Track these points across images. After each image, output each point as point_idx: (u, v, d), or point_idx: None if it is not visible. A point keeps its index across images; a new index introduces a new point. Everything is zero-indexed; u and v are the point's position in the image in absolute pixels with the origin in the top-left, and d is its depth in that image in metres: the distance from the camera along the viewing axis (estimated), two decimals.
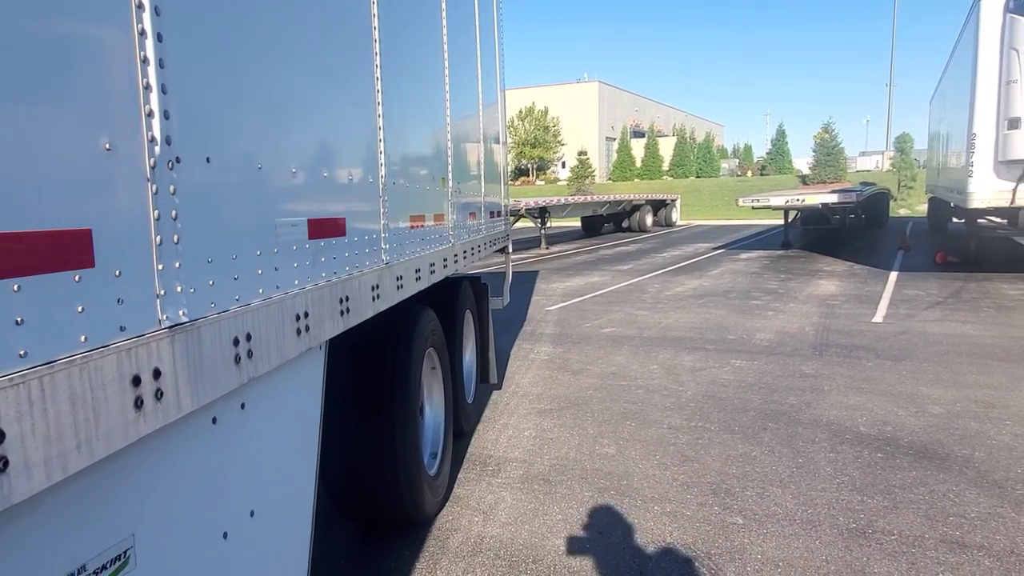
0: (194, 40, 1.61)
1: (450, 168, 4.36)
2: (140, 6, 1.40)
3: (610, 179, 55.49)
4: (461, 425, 5.13)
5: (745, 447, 4.89)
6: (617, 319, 9.95)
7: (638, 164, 55.51)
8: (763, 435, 5.11)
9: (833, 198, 17.99)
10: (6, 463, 1.04)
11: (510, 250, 7.23)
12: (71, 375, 1.18)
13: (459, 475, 4.60)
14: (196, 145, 1.60)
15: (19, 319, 1.10)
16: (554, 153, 59.72)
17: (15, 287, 1.10)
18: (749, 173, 55.56)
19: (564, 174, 56.53)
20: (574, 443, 5.10)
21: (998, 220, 16.49)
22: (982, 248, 15.37)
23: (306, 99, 2.29)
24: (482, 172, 5.56)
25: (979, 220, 15.57)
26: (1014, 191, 11.37)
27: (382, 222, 2.97)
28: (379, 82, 2.91)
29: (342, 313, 2.45)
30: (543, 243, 22.30)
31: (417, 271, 3.49)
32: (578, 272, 15.73)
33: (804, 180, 41.92)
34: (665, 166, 55.69)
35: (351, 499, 3.70)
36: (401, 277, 3.19)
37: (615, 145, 58.38)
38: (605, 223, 29.22)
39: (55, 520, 1.23)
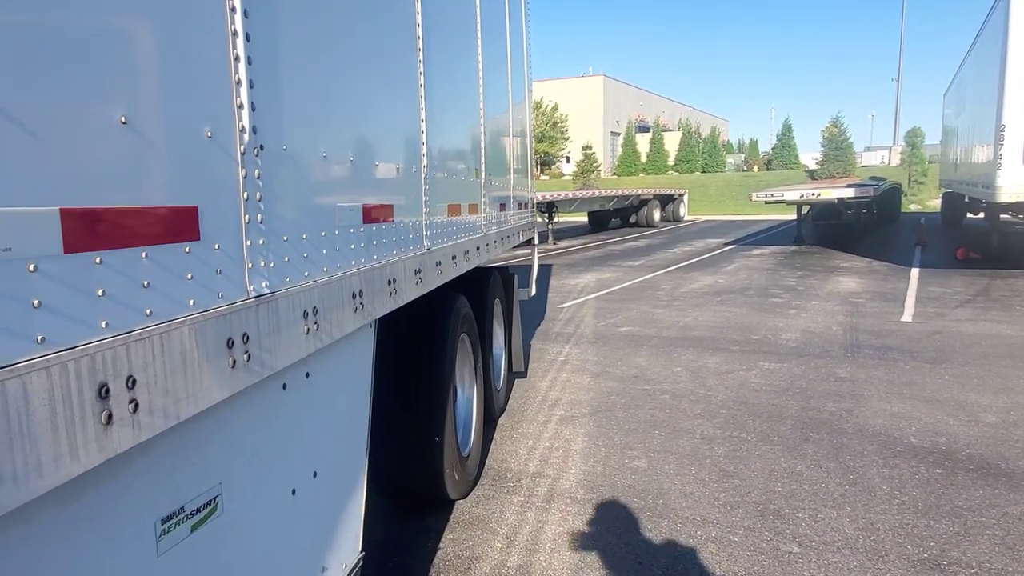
0: (274, 40, 1.78)
1: (483, 160, 4.47)
2: (233, 9, 1.56)
3: (615, 174, 54.94)
4: (492, 410, 5.16)
5: (788, 461, 4.48)
6: (633, 317, 9.53)
7: (643, 159, 54.96)
8: (806, 447, 4.70)
9: (849, 192, 17.53)
10: (137, 406, 1.22)
11: (536, 241, 7.13)
12: (183, 334, 1.36)
13: (477, 492, 4.20)
14: (275, 135, 1.77)
15: (146, 283, 1.28)
16: (559, 148, 59.19)
17: (143, 254, 1.28)
18: (755, 168, 54.97)
19: (569, 169, 56.03)
20: (600, 455, 4.69)
21: (1018, 216, 16.07)
22: (1005, 244, 14.93)
23: (361, 96, 2.46)
24: (512, 164, 5.69)
25: (1002, 215, 15.15)
26: None
27: (424, 210, 3.10)
28: (422, 78, 3.06)
29: (391, 294, 2.60)
30: (551, 238, 21.87)
31: (454, 258, 3.61)
32: (588, 268, 15.31)
33: (812, 175, 41.41)
34: (670, 161, 55.13)
35: (387, 475, 3.65)
36: (440, 263, 3.31)
37: (620, 140, 57.85)
38: (612, 218, 28.78)
39: (162, 464, 1.40)
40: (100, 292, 1.17)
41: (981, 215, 21.17)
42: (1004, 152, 11.14)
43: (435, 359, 3.62)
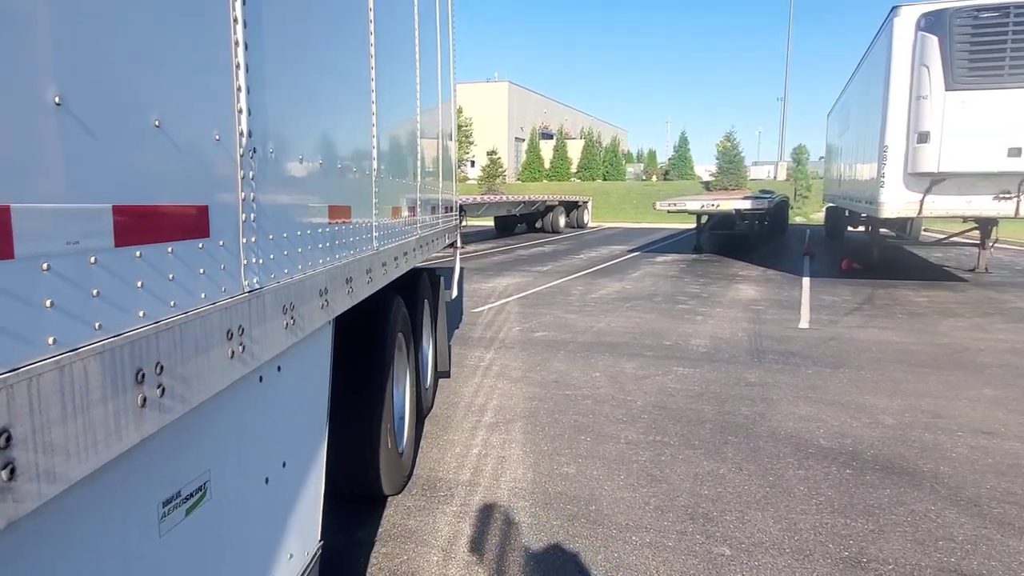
0: (264, 50, 1.88)
1: (419, 166, 4.67)
2: (236, 20, 1.69)
3: (519, 179, 55.50)
4: (422, 409, 5.28)
5: (711, 464, 4.61)
6: (548, 323, 9.61)
7: (547, 165, 55.80)
8: (726, 450, 4.86)
9: (747, 204, 18.44)
10: (163, 391, 1.32)
11: (459, 244, 7.41)
12: (196, 325, 1.45)
13: (408, 502, 4.09)
14: (263, 139, 1.87)
15: (171, 276, 1.39)
16: (464, 152, 59.17)
17: (169, 249, 1.38)
18: (654, 178, 57.03)
19: (474, 173, 56.13)
20: (529, 462, 4.67)
21: (893, 231, 17.38)
22: (883, 256, 16.10)
23: (328, 103, 2.62)
24: (440, 170, 5.91)
25: (880, 229, 16.31)
26: (921, 202, 11.85)
27: (374, 212, 3.24)
28: (374, 95, 3.25)
29: (348, 292, 2.69)
30: (459, 242, 21.74)
31: (396, 258, 3.77)
32: (499, 273, 15.34)
33: (707, 186, 43.32)
34: (573, 168, 56.24)
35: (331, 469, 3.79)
36: (385, 263, 3.46)
37: (524, 146, 58.46)
38: (518, 223, 29.01)
39: (163, 450, 1.45)
40: (139, 284, 1.29)
41: (861, 228, 22.81)
42: (887, 171, 11.99)
43: (376, 356, 3.74)
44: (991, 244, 15.25)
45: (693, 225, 27.59)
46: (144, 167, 1.32)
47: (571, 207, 31.44)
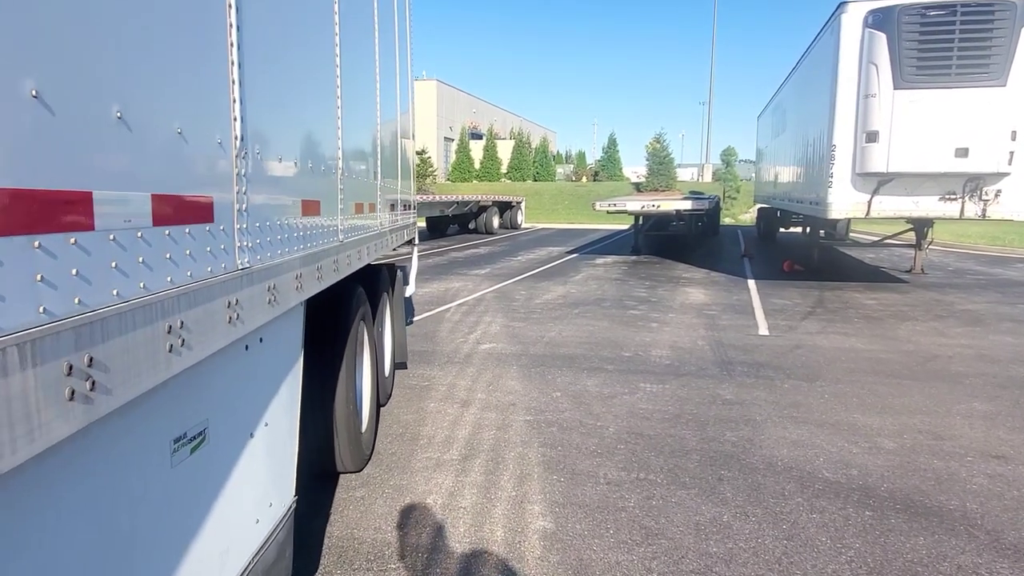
0: (252, 65, 2.18)
1: (379, 165, 4.94)
2: (232, 44, 2.04)
3: (449, 180, 54.46)
4: (381, 396, 5.47)
5: (710, 509, 3.90)
6: (494, 333, 8.80)
7: (477, 166, 54.96)
8: (723, 489, 4.16)
9: (687, 205, 18.11)
10: (183, 341, 1.66)
11: (416, 241, 7.53)
12: (207, 293, 1.79)
13: None
14: (251, 141, 2.17)
15: (188, 251, 1.73)
16: None
17: (187, 231, 1.73)
18: (584, 179, 56.89)
19: None
20: (496, 515, 3.85)
21: (828, 232, 17.35)
22: (823, 257, 16.00)
23: (300, 111, 2.93)
24: (399, 168, 6.16)
25: (820, 231, 16.22)
26: (869, 203, 11.63)
27: (339, 207, 3.47)
28: (339, 101, 3.52)
29: (318, 278, 2.97)
30: (416, 239, 20.67)
31: (359, 251, 4.03)
32: (434, 276, 14.42)
33: (638, 187, 43.35)
34: (503, 169, 55.58)
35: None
36: (350, 255, 3.73)
37: (454, 146, 57.46)
38: (451, 224, 28.10)
39: (174, 395, 1.76)
40: (167, 256, 1.63)
41: (793, 230, 22.94)
42: (835, 171, 11.71)
43: (339, 340, 3.96)
44: (927, 245, 15.34)
45: (626, 226, 27.38)
46: (171, 165, 1.69)
47: (505, 207, 30.74)
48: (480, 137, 59.34)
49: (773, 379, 6.62)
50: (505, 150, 57.01)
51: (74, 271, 1.28)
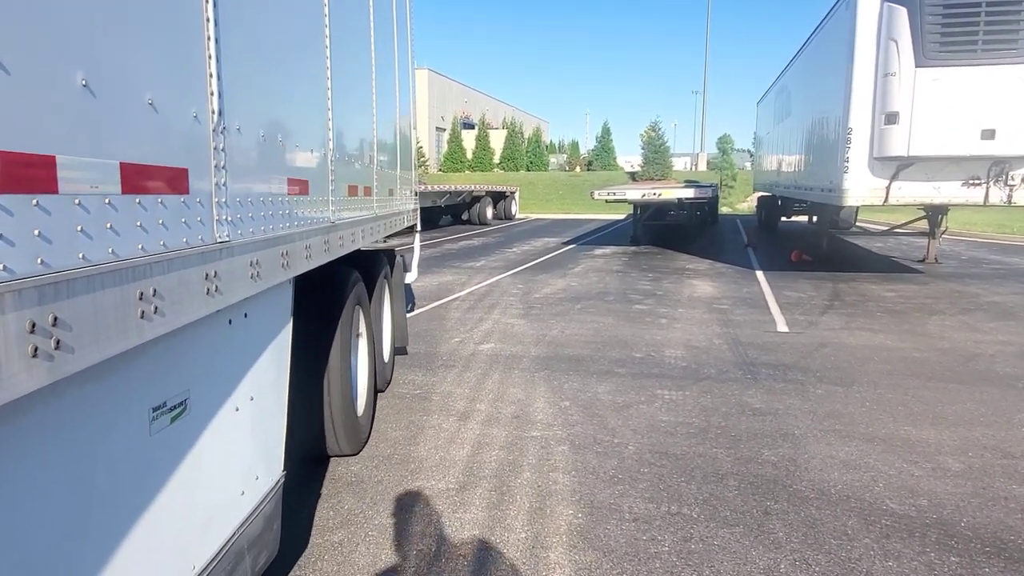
0: (231, 42, 2.19)
1: (374, 149, 4.88)
2: (208, 19, 2.04)
3: (441, 170, 53.57)
4: (379, 381, 5.39)
5: (763, 556, 3.22)
6: (491, 331, 8.10)
7: (469, 156, 54.08)
8: (773, 526, 3.49)
9: (689, 193, 17.44)
10: (156, 308, 1.67)
11: (418, 228, 7.34)
12: (182, 262, 1.81)
13: None
14: (231, 117, 2.19)
15: (160, 221, 1.74)
16: None
17: (159, 200, 1.74)
18: (577, 168, 56.06)
19: None
20: (504, 565, 3.16)
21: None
22: (831, 247, 15.35)
23: (285, 89, 2.93)
24: (398, 153, 6.06)
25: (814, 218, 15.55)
26: (887, 189, 10.96)
27: (330, 188, 3.52)
28: (330, 92, 3.54)
29: (306, 256, 3.00)
30: (418, 225, 19.92)
31: (352, 233, 4.01)
32: (427, 270, 13.69)
33: (633, 176, 42.64)
34: (496, 159, 54.72)
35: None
36: (342, 237, 3.74)
37: (446, 136, 56.52)
38: (444, 215, 27.37)
39: (152, 365, 1.80)
40: (138, 223, 1.63)
41: (796, 218, 22.31)
42: (851, 155, 11.03)
43: (333, 321, 3.89)
44: (940, 234, 14.71)
45: (622, 216, 26.72)
46: (141, 135, 1.69)
47: (498, 198, 29.99)
48: (472, 127, 58.38)
49: (804, 383, 5.95)
50: (497, 140, 56.12)
51: (36, 231, 1.30)
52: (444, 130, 58.54)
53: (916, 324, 8.46)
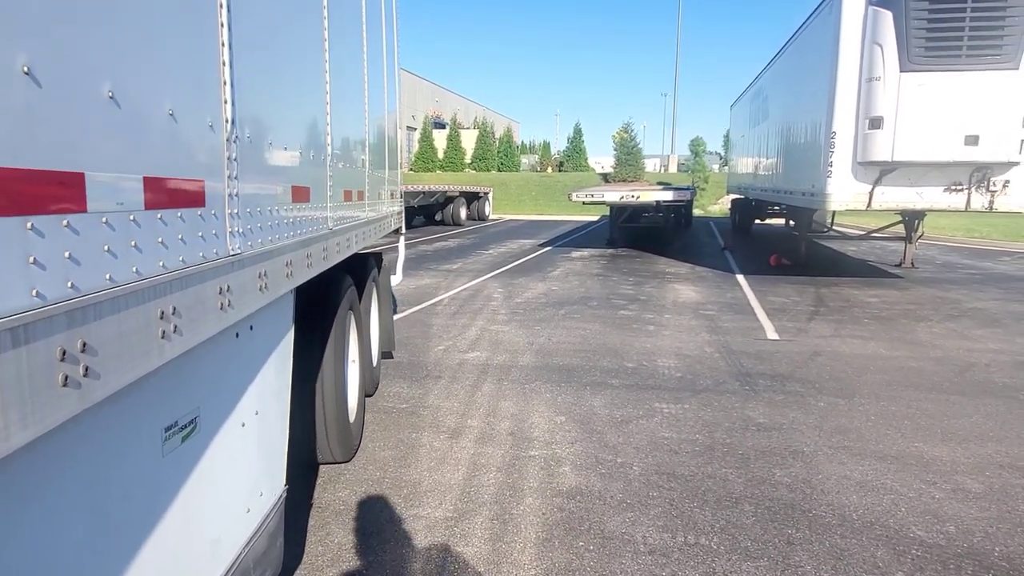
0: (242, 46, 2.11)
1: (367, 153, 4.80)
2: (221, 5, 1.97)
3: (412, 169, 52.99)
4: (369, 385, 5.36)
5: None
6: (476, 339, 7.80)
7: (440, 155, 53.59)
8: (798, 559, 3.25)
9: (668, 195, 17.29)
10: (175, 327, 1.61)
11: (403, 230, 7.25)
12: (200, 277, 1.75)
13: None
14: (242, 125, 2.13)
15: (180, 236, 1.68)
16: None
17: (179, 215, 1.68)
18: (549, 169, 55.90)
19: None
20: None
21: (793, 223, 16.66)
22: (809, 251, 15.32)
23: (290, 96, 2.87)
24: (387, 157, 6.03)
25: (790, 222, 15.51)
26: (871, 194, 10.91)
27: (328, 194, 3.45)
28: (327, 73, 3.44)
29: (308, 265, 2.97)
30: (403, 227, 19.46)
31: (348, 239, 4.02)
32: (405, 272, 13.23)
33: (605, 178, 42.59)
34: (467, 159, 54.31)
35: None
36: (339, 242, 3.71)
37: (416, 135, 55.95)
38: (416, 215, 26.93)
39: (164, 385, 1.72)
40: (159, 240, 1.57)
41: (770, 221, 22.35)
42: (834, 160, 10.95)
43: (328, 328, 3.80)
44: (916, 239, 14.76)
45: (595, 218, 26.58)
46: (162, 147, 1.62)
47: (472, 198, 29.64)
48: (443, 126, 57.88)
49: (804, 396, 5.77)
50: (469, 140, 55.68)
51: (66, 254, 1.24)
52: (415, 129, 57.95)
53: (905, 331, 8.37)
